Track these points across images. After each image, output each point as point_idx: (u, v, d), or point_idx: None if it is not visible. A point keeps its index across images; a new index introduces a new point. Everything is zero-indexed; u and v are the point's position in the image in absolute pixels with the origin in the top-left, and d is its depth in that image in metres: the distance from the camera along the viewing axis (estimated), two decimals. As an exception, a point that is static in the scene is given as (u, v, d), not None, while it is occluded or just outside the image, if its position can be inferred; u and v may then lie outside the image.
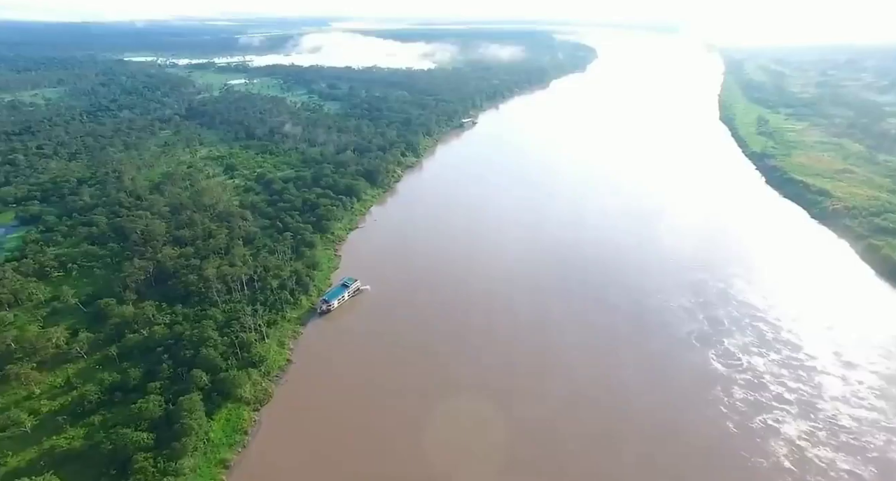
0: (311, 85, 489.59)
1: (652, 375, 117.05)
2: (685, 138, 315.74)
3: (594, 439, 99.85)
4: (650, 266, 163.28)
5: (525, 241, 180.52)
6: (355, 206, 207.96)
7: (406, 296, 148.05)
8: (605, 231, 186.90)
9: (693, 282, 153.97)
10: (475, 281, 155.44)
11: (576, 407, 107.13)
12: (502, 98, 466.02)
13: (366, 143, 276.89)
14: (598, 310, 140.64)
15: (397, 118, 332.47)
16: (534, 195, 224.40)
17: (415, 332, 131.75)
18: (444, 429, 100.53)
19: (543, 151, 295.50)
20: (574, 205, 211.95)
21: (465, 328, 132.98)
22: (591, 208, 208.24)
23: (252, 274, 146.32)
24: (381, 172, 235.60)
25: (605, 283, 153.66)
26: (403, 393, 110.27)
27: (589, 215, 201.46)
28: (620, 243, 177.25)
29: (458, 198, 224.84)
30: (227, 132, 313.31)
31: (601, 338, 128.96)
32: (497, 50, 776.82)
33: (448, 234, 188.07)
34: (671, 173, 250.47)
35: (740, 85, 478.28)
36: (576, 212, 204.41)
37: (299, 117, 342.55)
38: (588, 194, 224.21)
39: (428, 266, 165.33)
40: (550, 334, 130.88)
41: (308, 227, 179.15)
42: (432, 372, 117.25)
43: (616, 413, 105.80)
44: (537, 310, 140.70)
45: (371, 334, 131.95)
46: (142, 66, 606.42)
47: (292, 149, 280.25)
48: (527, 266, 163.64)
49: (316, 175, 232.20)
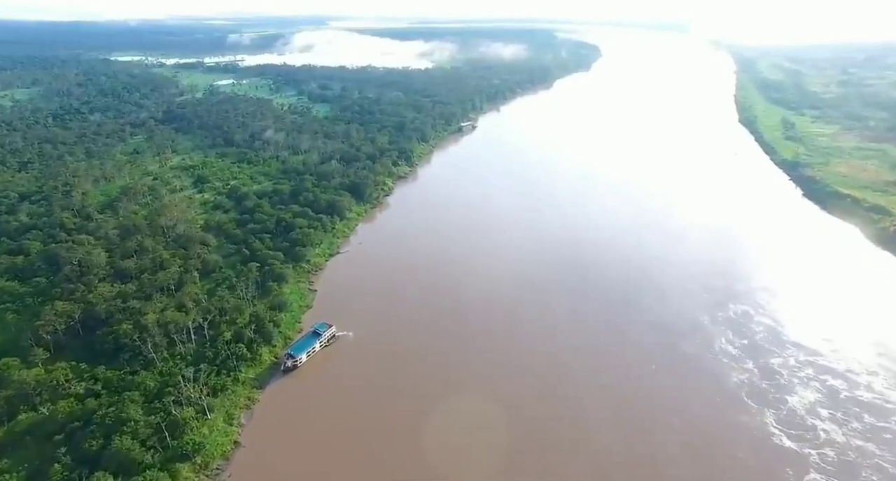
0: (302, 85, 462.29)
1: (700, 452, 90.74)
2: (705, 143, 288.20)
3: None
4: (682, 297, 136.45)
5: (534, 266, 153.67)
6: (337, 227, 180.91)
7: (394, 344, 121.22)
8: (627, 254, 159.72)
9: (735, 318, 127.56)
10: (478, 319, 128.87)
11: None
12: (504, 99, 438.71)
13: (354, 151, 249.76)
14: (631, 364, 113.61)
15: (390, 122, 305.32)
16: (539, 208, 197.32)
17: (404, 395, 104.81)
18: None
19: (550, 159, 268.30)
20: (590, 225, 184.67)
21: (466, 385, 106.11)
22: (611, 228, 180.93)
23: (203, 320, 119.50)
24: (368, 185, 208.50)
25: (636, 320, 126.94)
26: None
27: (609, 236, 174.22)
28: (647, 269, 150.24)
29: (457, 215, 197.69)
30: (204, 138, 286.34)
31: (640, 410, 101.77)
32: (498, 48, 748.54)
33: (445, 260, 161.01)
34: (695, 184, 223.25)
35: (756, 84, 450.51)
36: (593, 233, 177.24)
37: (284, 121, 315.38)
38: (606, 211, 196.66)
39: (421, 301, 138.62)
40: (575, 404, 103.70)
41: (279, 255, 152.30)
42: (427, 455, 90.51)
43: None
44: (560, 371, 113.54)
45: (347, 398, 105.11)
46: (126, 66, 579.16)
47: (273, 158, 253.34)
48: (539, 302, 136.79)
49: (295, 189, 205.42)
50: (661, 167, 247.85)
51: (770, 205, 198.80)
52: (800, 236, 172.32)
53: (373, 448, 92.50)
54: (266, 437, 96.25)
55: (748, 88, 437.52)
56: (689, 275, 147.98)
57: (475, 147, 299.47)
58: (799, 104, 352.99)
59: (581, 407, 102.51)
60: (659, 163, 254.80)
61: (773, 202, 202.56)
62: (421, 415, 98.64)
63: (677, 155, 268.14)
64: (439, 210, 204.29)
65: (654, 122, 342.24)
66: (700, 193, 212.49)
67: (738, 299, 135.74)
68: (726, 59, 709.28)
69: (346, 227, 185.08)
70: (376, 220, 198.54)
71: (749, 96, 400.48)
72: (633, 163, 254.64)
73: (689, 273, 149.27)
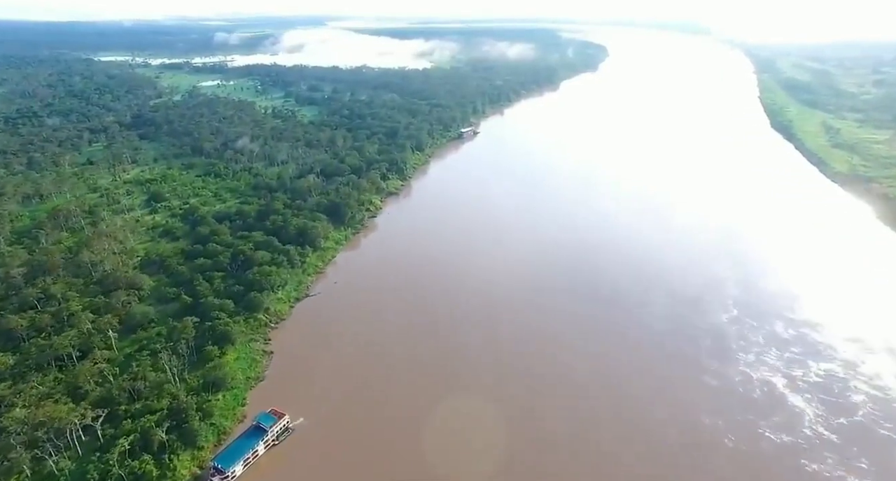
0: (290, 87, 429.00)
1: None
2: (741, 153, 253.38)
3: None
4: (754, 356, 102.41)
5: (549, 316, 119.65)
6: (309, 261, 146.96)
7: (371, 434, 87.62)
8: (669, 301, 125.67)
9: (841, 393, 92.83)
10: (484, 391, 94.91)
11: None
12: (507, 101, 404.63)
13: (337, 163, 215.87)
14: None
15: (382, 128, 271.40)
16: (552, 233, 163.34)
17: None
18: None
19: (562, 171, 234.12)
20: (614, 252, 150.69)
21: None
22: (643, 260, 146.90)
23: (100, 413, 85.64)
24: (351, 205, 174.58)
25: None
26: None
27: (642, 271, 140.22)
28: (704, 326, 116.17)
29: (454, 243, 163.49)
30: (171, 146, 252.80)
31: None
32: (501, 48, 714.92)
33: (440, 304, 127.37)
34: (746, 204, 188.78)
35: (781, 84, 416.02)
36: (620, 263, 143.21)
37: (263, 127, 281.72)
38: (634, 235, 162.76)
39: (410, 364, 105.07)
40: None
41: (228, 304, 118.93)
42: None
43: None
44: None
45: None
46: (107, 66, 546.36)
47: (244, 170, 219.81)
48: (557, 356, 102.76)
49: (264, 210, 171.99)
50: (699, 181, 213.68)
51: (843, 233, 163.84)
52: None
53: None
54: None
55: (774, 89, 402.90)
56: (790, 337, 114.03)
57: (477, 156, 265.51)
58: (837, 106, 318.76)
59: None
60: (695, 176, 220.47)
61: (846, 228, 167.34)
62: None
63: (713, 166, 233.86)
64: (434, 235, 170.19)
65: (678, 128, 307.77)
66: (750, 215, 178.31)
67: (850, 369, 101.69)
68: (741, 58, 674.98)
69: (321, 260, 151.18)
70: (359, 249, 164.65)
71: (777, 98, 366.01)
72: (662, 178, 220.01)
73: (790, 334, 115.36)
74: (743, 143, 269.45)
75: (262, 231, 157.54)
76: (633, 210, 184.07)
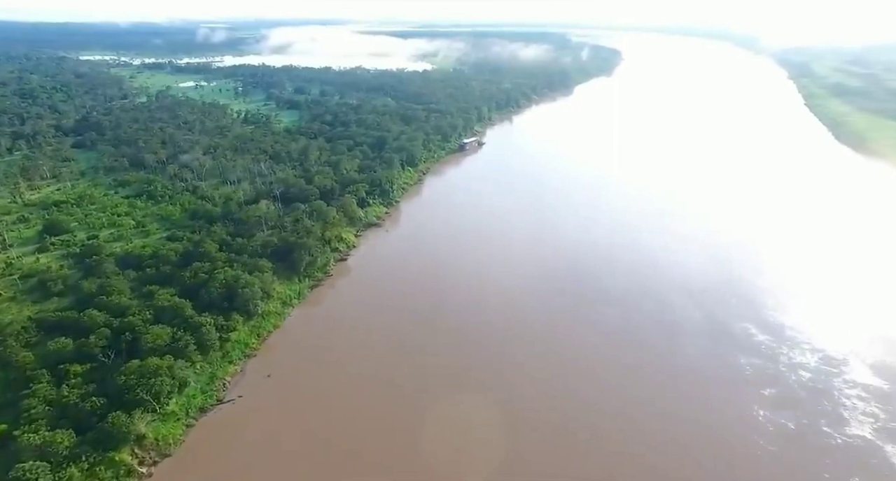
0: (273, 89, 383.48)
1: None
2: (813, 174, 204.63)
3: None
4: None
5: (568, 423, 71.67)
6: (236, 337, 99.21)
7: None
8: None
9: None
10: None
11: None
12: (517, 107, 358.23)
13: (303, 183, 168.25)
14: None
15: (367, 138, 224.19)
16: (577, 282, 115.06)
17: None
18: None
19: (587, 193, 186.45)
20: (671, 322, 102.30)
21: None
22: (713, 340, 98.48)
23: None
24: (310, 246, 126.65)
25: None
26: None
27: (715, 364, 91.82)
28: None
29: (449, 301, 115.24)
30: (109, 156, 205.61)
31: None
32: (512, 50, 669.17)
33: (427, 409, 79.25)
34: (854, 245, 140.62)
35: (829, 91, 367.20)
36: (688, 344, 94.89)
37: (226, 135, 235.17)
38: (693, 298, 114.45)
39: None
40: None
41: (64, 438, 70.87)
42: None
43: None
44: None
45: None
46: (78, 64, 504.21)
47: (188, 190, 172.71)
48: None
49: (190, 252, 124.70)
50: (774, 212, 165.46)
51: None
52: None
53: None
54: None
55: (821, 96, 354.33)
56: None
57: (481, 173, 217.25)
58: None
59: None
60: (767, 205, 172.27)
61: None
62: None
63: (783, 191, 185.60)
64: (422, 288, 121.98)
65: (725, 143, 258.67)
66: (867, 260, 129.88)
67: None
68: (766, 62, 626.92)
69: (256, 334, 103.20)
70: (318, 308, 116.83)
71: (830, 106, 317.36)
72: (726, 210, 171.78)
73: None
74: (811, 161, 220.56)
75: (177, 286, 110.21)
76: (696, 260, 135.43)
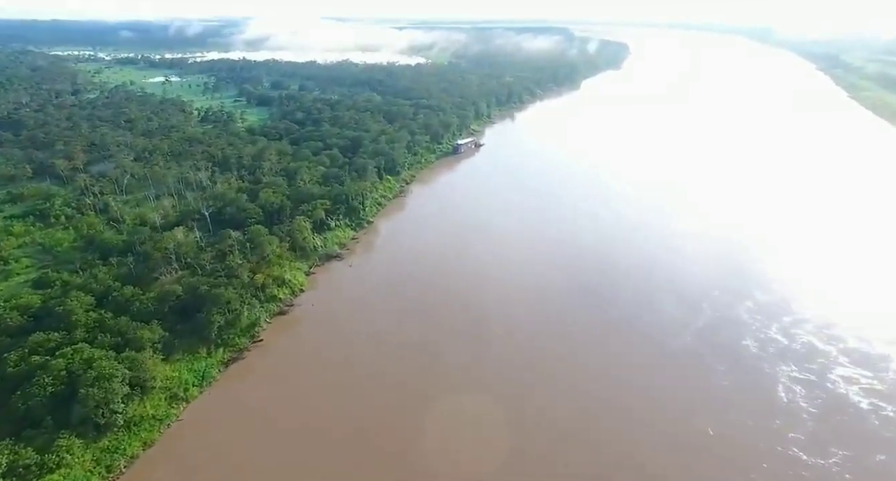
0: (247, 83, 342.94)
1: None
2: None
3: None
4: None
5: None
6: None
7: None
8: None
9: None
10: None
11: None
12: (519, 103, 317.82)
13: (244, 202, 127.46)
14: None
15: (340, 139, 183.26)
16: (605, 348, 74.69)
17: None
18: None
19: (604, 206, 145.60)
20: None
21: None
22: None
23: None
24: (230, 302, 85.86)
25: None
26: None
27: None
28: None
29: (430, 370, 74.50)
30: (14, 162, 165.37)
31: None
32: (515, 42, 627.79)
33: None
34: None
35: (875, 82, 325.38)
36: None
37: (171, 137, 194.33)
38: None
39: None
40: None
41: None
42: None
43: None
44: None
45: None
46: (37, 57, 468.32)
47: (94, 209, 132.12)
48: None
49: (50, 311, 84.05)
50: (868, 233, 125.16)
51: None
52: None
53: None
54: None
55: (866, 87, 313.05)
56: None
57: (478, 182, 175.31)
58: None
59: None
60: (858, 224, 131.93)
61: None
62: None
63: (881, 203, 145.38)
64: (394, 357, 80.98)
65: (776, 143, 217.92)
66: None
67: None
68: (787, 55, 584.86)
69: (107, 463, 62.45)
70: (228, 398, 75.76)
71: (883, 97, 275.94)
72: (746, 212, 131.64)
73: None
74: (885, 158, 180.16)
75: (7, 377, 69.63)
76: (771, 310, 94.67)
